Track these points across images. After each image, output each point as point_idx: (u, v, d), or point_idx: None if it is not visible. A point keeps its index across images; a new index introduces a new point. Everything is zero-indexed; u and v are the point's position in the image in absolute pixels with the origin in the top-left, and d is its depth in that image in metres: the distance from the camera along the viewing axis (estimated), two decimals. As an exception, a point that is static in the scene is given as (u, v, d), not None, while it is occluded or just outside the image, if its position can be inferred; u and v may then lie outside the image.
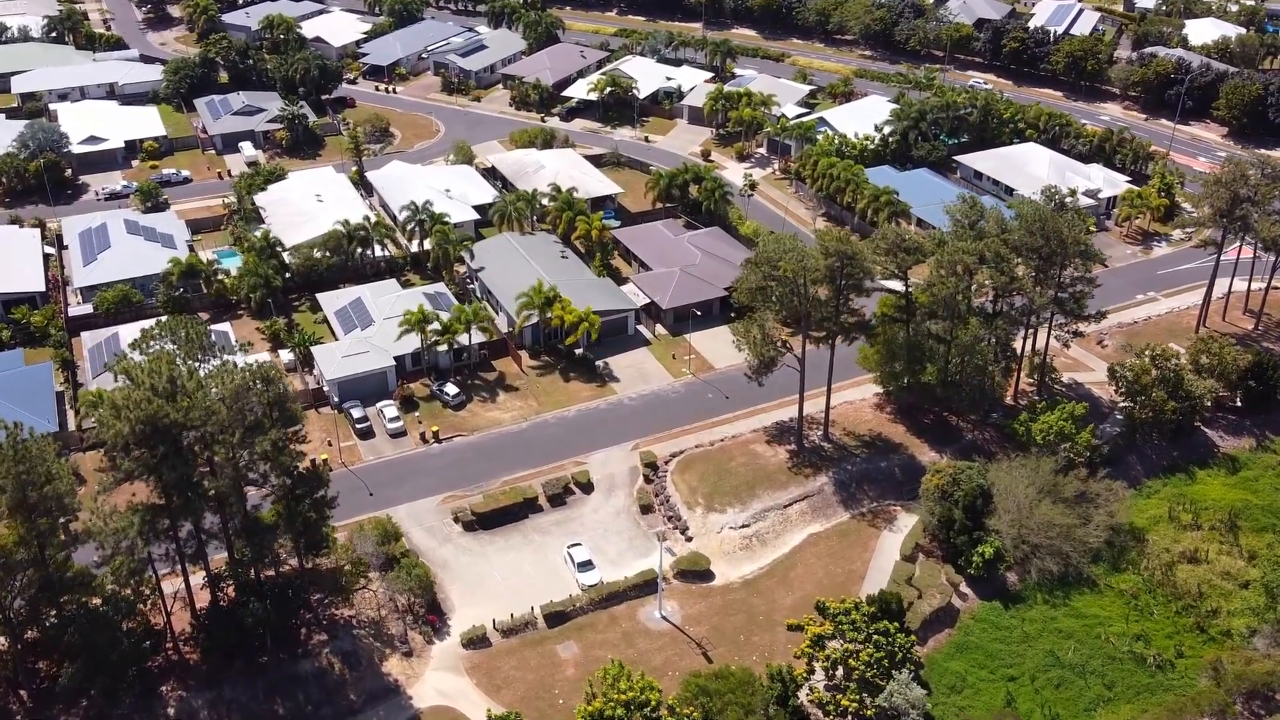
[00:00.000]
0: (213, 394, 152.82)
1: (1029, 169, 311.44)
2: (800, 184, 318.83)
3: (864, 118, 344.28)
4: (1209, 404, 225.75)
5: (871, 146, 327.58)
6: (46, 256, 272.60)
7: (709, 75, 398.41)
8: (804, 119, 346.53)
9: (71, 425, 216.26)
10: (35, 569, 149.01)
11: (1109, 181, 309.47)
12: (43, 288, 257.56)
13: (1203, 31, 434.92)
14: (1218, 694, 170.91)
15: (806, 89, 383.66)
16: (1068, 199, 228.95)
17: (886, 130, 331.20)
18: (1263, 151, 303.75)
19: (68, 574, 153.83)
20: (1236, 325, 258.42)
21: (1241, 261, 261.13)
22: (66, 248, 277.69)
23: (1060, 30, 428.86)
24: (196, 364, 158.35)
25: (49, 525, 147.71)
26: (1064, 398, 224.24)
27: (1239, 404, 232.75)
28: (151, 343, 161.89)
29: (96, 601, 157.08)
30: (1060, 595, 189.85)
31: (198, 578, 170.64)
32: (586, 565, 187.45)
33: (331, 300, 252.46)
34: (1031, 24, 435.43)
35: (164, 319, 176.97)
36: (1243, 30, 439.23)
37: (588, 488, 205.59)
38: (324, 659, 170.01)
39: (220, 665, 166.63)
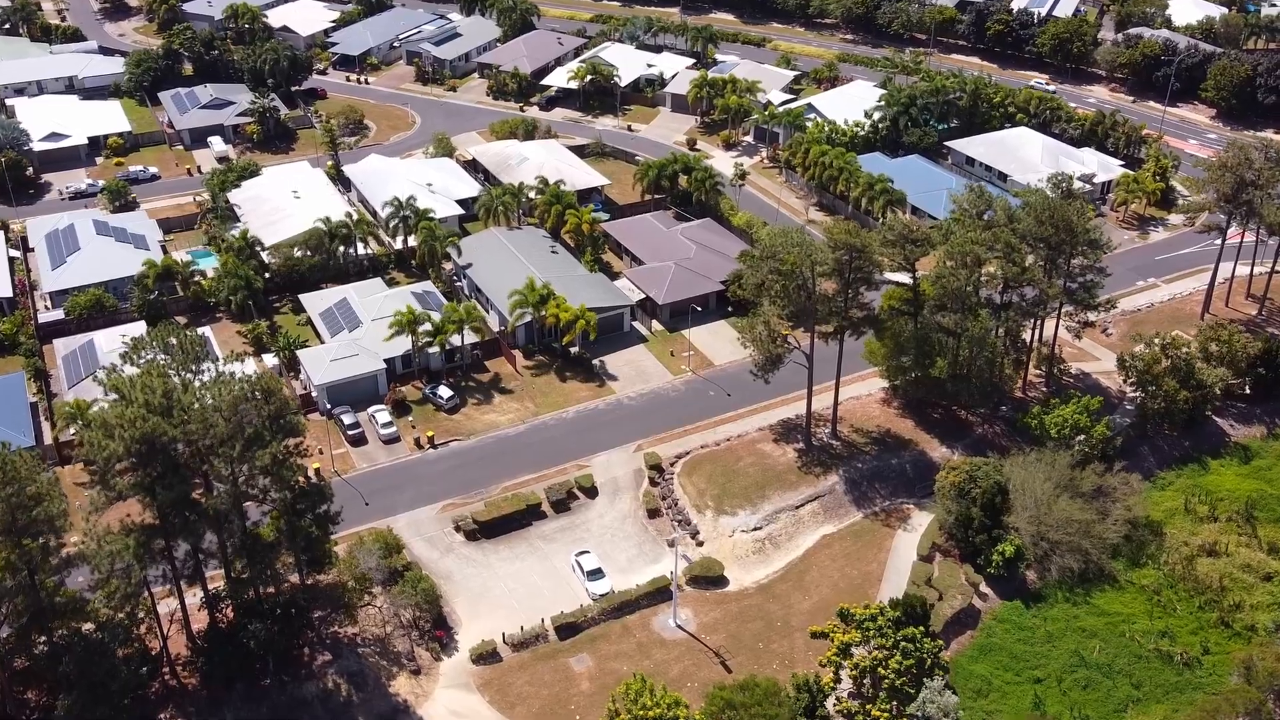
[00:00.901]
0: (209, 406, 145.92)
1: (1021, 154, 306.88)
2: (791, 173, 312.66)
3: (852, 104, 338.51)
4: (1219, 392, 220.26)
5: (862, 133, 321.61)
6: (11, 260, 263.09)
7: (690, 62, 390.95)
8: (791, 105, 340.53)
9: (48, 438, 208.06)
10: (24, 595, 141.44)
11: (1102, 166, 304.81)
12: (10, 293, 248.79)
13: (1185, 12, 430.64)
14: (1251, 692, 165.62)
15: (791, 74, 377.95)
16: (1068, 185, 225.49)
17: (876, 116, 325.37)
18: (1254, 133, 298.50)
19: (58, 599, 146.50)
20: (1240, 311, 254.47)
21: (1242, 247, 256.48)
22: (32, 250, 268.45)
23: (1043, 12, 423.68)
24: (191, 375, 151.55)
25: (39, 549, 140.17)
26: (1072, 389, 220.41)
27: (1248, 392, 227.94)
28: (142, 354, 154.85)
29: (89, 627, 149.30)
30: (1081, 593, 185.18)
31: (194, 598, 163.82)
32: (596, 573, 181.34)
33: (315, 301, 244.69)
34: (1014, 5, 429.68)
35: (154, 327, 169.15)
36: (1225, 10, 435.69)
37: (592, 492, 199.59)
38: (329, 680, 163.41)
39: (220, 690, 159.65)
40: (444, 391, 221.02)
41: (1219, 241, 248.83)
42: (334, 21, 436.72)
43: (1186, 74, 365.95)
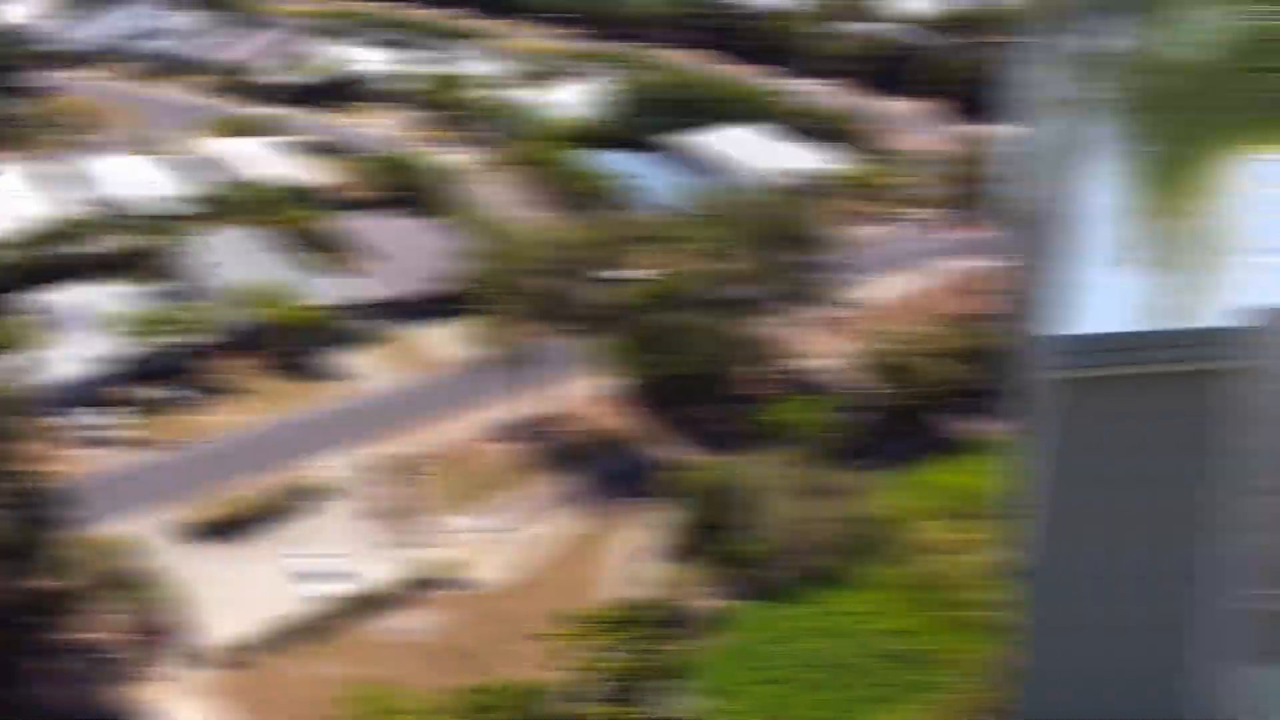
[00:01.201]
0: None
1: (747, 150, 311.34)
2: (519, 170, 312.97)
3: (577, 99, 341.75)
4: (948, 388, 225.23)
5: (591, 128, 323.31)
6: None
7: (424, 57, 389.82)
8: (520, 102, 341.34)
9: None
10: None
11: (827, 161, 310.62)
12: None
13: (913, 4, 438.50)
14: (987, 690, 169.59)
15: (521, 70, 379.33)
16: (793, 182, 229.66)
17: (604, 112, 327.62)
18: (978, 126, 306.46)
19: None
20: (966, 306, 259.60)
21: (970, 241, 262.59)
22: None
23: (768, 5, 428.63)
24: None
25: None
26: (805, 386, 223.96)
27: (975, 387, 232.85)
28: None
29: None
30: (816, 592, 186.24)
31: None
32: (327, 576, 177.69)
33: (44, 301, 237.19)
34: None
35: None
36: (952, 2, 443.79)
37: (324, 493, 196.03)
38: (58, 691, 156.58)
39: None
40: (174, 392, 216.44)
41: (947, 235, 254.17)
42: (57, 16, 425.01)
43: (911, 67, 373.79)
